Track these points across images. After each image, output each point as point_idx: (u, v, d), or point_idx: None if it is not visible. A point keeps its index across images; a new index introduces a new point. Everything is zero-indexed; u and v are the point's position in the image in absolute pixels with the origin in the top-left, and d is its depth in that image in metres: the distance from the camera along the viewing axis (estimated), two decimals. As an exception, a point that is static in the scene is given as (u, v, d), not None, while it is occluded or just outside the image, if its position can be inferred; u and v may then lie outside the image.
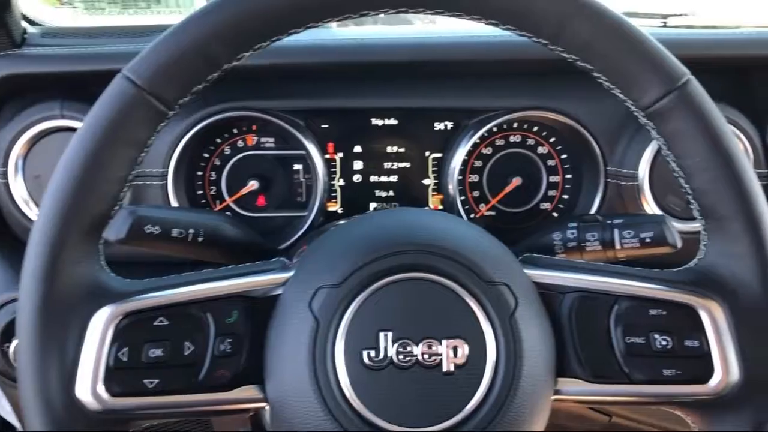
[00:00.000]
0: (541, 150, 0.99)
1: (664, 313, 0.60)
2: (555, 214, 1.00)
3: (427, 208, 1.00)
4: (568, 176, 0.99)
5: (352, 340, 0.56)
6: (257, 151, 0.97)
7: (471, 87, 0.94)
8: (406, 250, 0.58)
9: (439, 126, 0.99)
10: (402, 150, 0.99)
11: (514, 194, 0.99)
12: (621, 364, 0.60)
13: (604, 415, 0.99)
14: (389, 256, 0.57)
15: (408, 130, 0.99)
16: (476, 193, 1.00)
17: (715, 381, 0.59)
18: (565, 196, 1.00)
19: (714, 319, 0.59)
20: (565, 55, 0.59)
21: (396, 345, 0.55)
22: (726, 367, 0.59)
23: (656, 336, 0.60)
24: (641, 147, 0.88)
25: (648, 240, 0.75)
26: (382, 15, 0.61)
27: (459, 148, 0.94)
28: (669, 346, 0.60)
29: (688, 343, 0.60)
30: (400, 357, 0.55)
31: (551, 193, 1.00)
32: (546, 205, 1.00)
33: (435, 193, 1.00)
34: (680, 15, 1.26)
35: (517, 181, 0.98)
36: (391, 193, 1.00)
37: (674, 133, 0.59)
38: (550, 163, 0.99)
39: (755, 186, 0.59)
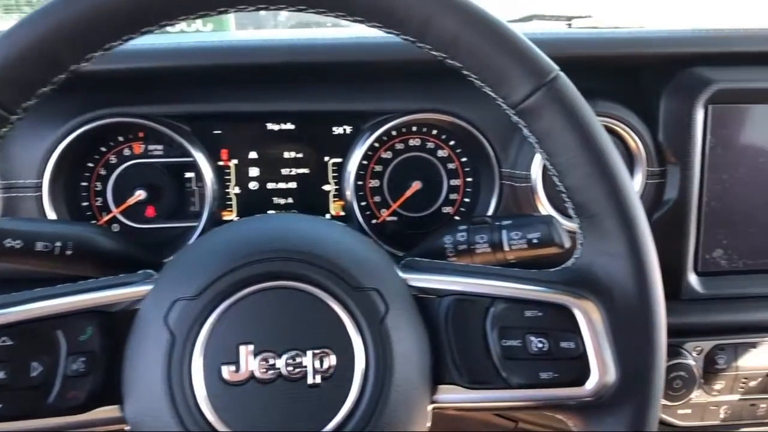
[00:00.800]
0: (441, 153, 0.98)
1: (540, 314, 0.59)
2: (457, 218, 0.99)
3: (328, 215, 0.98)
4: (469, 179, 0.98)
5: (210, 355, 0.53)
6: (145, 160, 0.94)
7: (366, 90, 0.92)
8: (267, 258, 0.55)
9: (337, 130, 0.97)
10: (300, 155, 0.97)
11: (415, 198, 0.98)
12: (498, 368, 0.59)
13: (510, 421, 0.98)
14: (249, 265, 0.55)
15: (306, 134, 0.97)
16: (377, 198, 0.98)
17: (592, 382, 0.58)
18: (467, 200, 0.99)
19: (589, 320, 0.59)
20: (434, 53, 0.58)
21: (258, 358, 0.53)
22: (602, 368, 0.58)
23: (532, 338, 0.59)
24: (533, 148, 0.87)
25: (535, 241, 0.74)
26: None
27: (354, 152, 0.93)
28: (545, 349, 0.59)
29: (564, 344, 0.59)
30: (262, 371, 0.53)
31: (453, 196, 0.99)
32: (448, 209, 0.99)
33: (336, 199, 0.98)
34: (585, 17, 1.28)
35: (417, 185, 0.97)
36: (289, 200, 0.98)
37: (545, 131, 0.59)
38: (451, 166, 0.98)
39: (627, 182, 0.59)
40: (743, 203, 0.91)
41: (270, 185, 0.97)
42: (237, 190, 0.96)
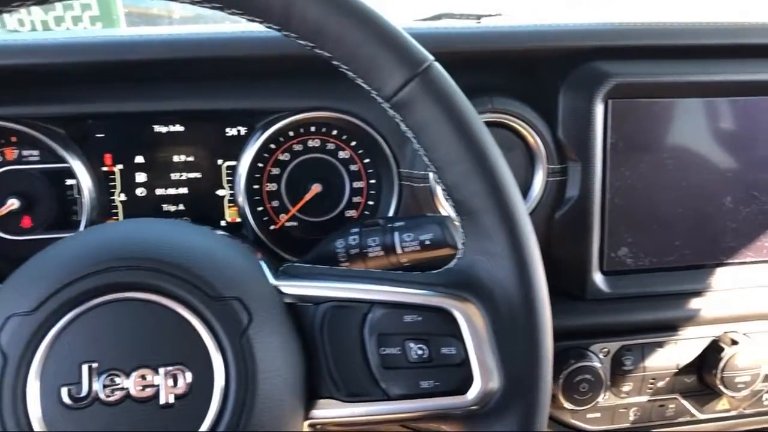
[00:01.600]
0: (342, 155, 0.95)
1: (420, 319, 0.56)
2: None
3: (222, 224, 0.94)
4: (372, 181, 0.95)
5: (48, 376, 0.48)
6: (18, 166, 0.87)
7: (258, 87, 0.88)
8: (113, 267, 0.51)
9: (231, 131, 0.92)
10: (191, 159, 0.92)
11: (316, 202, 0.94)
12: (377, 378, 0.56)
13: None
14: (93, 275, 0.50)
15: (197, 136, 0.92)
16: (275, 203, 0.94)
17: (474, 390, 0.55)
18: (371, 203, 0.96)
19: (471, 323, 0.56)
20: (301, 41, 0.55)
21: (102, 378, 0.48)
22: (486, 374, 0.56)
23: (411, 345, 0.56)
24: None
25: (428, 242, 0.72)
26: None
27: (245, 153, 0.88)
28: (425, 356, 0.56)
29: (445, 350, 0.56)
30: (108, 391, 0.48)
31: (356, 199, 0.95)
32: (352, 212, 0.96)
33: (231, 204, 0.94)
34: (495, 15, 1.27)
35: (316, 188, 0.93)
36: (180, 207, 0.93)
37: (420, 125, 0.56)
38: (353, 168, 0.95)
39: (506, 178, 0.56)
40: (647, 200, 0.90)
41: (159, 191, 0.92)
42: (123, 197, 0.91)
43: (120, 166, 0.90)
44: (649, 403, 0.91)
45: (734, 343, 0.88)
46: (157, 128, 0.91)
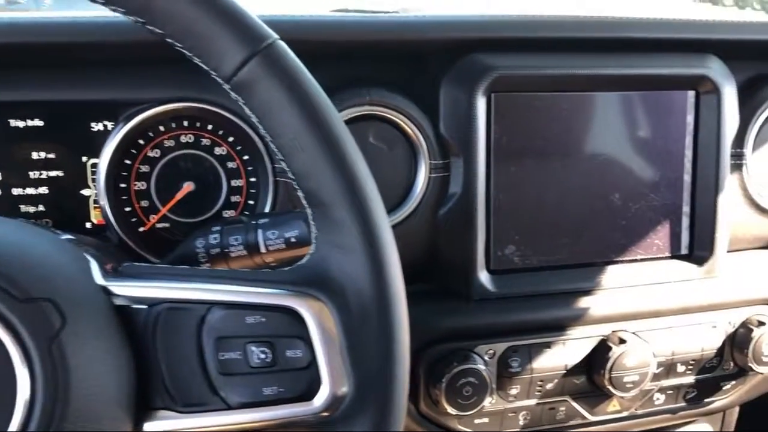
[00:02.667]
0: (218, 151, 0.90)
1: (263, 320, 0.52)
2: (238, 222, 0.91)
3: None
4: (253, 179, 0.90)
5: None
6: None
7: (120, 77, 0.83)
8: None
9: (96, 126, 0.86)
10: (52, 156, 0.86)
11: (190, 202, 0.89)
12: (216, 386, 0.52)
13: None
14: None
15: (58, 131, 0.85)
16: (145, 203, 0.88)
17: (322, 396, 0.52)
18: (251, 202, 0.91)
19: (320, 324, 0.52)
20: (129, 17, 0.50)
21: None
22: (334, 378, 0.52)
23: (253, 348, 0.52)
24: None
25: (293, 240, 0.68)
26: None
27: (105, 148, 0.83)
28: (268, 360, 0.52)
29: (289, 353, 0.52)
30: None
31: (234, 198, 0.91)
32: (230, 213, 0.91)
33: (97, 205, 0.87)
34: (392, 12, 1.24)
35: (189, 186, 0.88)
36: (41, 207, 0.86)
37: (264, 107, 0.52)
38: (231, 165, 0.90)
39: (358, 166, 0.53)
40: (534, 197, 0.89)
41: (16, 191, 0.85)
42: (-27, 197, 0.84)
43: (-30, 165, 0.83)
44: (539, 406, 0.89)
45: (622, 342, 0.87)
46: (14, 123, 0.84)
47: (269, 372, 0.52)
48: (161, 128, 0.87)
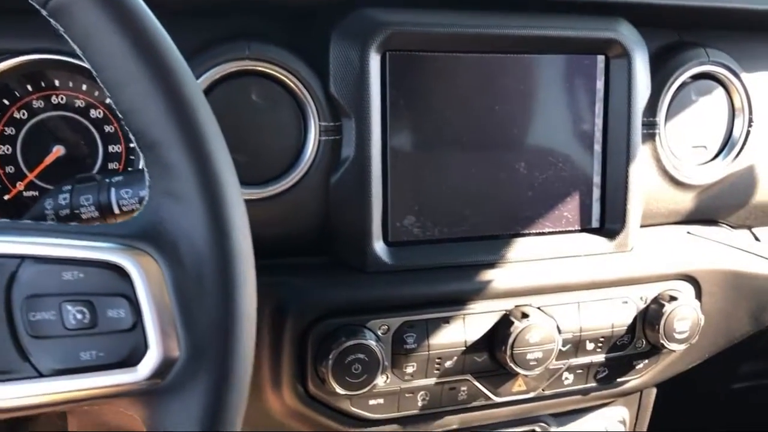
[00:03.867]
0: (94, 114, 0.84)
1: (82, 275, 0.47)
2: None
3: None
4: (132, 145, 0.84)
5: None
6: None
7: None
8: None
9: (-44, 84, 0.79)
10: None
11: (62, 168, 0.83)
12: (26, 351, 0.46)
13: None
14: None
15: None
16: (10, 169, 0.82)
17: (149, 362, 0.47)
18: (131, 169, 0.85)
19: (148, 281, 0.47)
20: None
21: None
22: (163, 342, 0.47)
23: (69, 308, 0.46)
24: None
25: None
26: None
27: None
28: (86, 320, 0.46)
29: (111, 313, 0.47)
30: None
31: (112, 165, 0.85)
32: (109, 181, 0.85)
33: (-43, 170, 0.81)
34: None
35: (58, 150, 0.82)
36: None
37: (85, 35, 0.47)
38: (108, 129, 0.84)
39: (196, 100, 0.48)
40: (434, 164, 0.84)
41: None
42: None
43: None
44: (438, 385, 0.85)
45: (525, 316, 0.83)
46: None
47: (87, 334, 0.46)
48: (29, 87, 0.81)
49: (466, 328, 0.84)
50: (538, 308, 0.86)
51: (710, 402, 1.43)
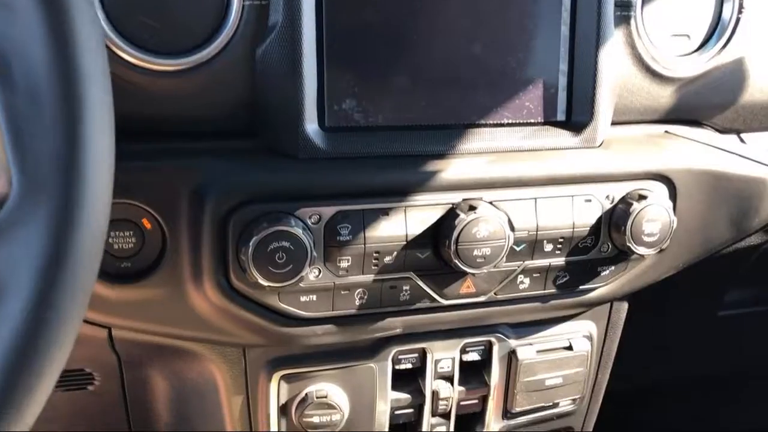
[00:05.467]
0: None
1: None
2: None
3: None
4: None
5: None
6: None
7: None
8: None
9: None
10: None
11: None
12: None
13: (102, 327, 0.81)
14: None
15: None
16: None
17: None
18: None
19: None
20: None
21: None
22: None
23: None
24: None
25: None
26: None
27: None
28: None
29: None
30: None
31: None
32: None
33: None
34: None
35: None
36: None
37: None
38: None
39: None
40: (379, 41, 0.77)
41: None
42: None
43: None
44: (377, 283, 0.79)
45: (472, 209, 0.77)
46: None
47: None
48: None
49: (407, 221, 0.77)
50: (490, 203, 0.79)
51: (692, 329, 1.37)
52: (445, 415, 0.95)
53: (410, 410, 0.94)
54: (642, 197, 0.84)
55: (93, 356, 0.91)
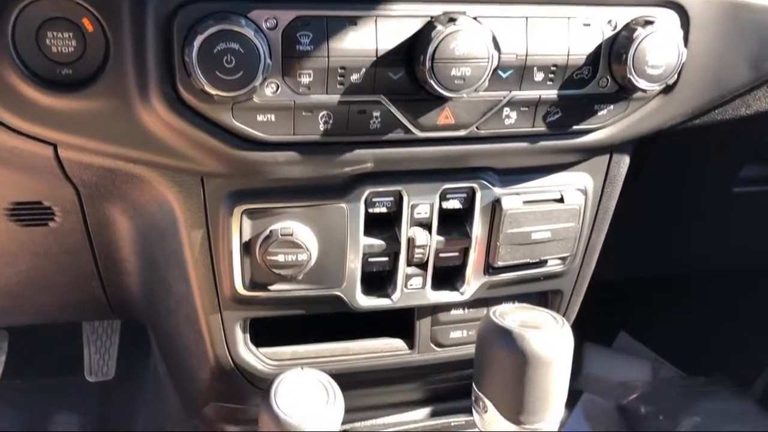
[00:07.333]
0: None
1: None
2: None
3: None
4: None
5: None
6: None
7: None
8: None
9: None
10: None
11: None
12: None
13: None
14: None
15: None
16: None
17: None
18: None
19: None
20: None
21: None
22: None
23: None
24: None
25: None
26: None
27: None
28: None
29: None
30: None
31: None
32: None
33: None
34: None
35: None
36: None
37: None
38: None
39: None
40: None
41: None
42: None
43: None
44: (343, 105, 0.71)
45: (452, 21, 0.68)
46: None
47: None
48: None
49: (378, 32, 0.69)
50: (474, 18, 0.71)
51: (701, 209, 1.28)
52: (422, 266, 0.90)
53: (385, 258, 0.88)
54: (648, 23, 0.74)
55: (48, 188, 0.85)
